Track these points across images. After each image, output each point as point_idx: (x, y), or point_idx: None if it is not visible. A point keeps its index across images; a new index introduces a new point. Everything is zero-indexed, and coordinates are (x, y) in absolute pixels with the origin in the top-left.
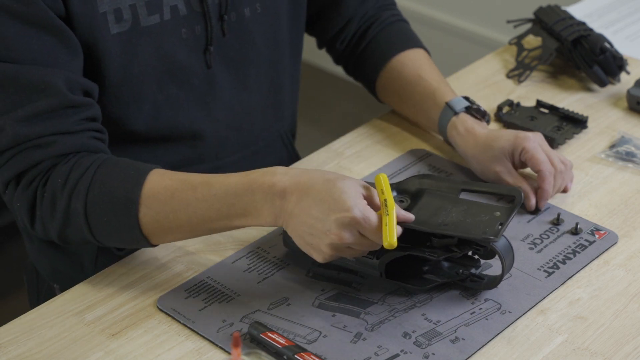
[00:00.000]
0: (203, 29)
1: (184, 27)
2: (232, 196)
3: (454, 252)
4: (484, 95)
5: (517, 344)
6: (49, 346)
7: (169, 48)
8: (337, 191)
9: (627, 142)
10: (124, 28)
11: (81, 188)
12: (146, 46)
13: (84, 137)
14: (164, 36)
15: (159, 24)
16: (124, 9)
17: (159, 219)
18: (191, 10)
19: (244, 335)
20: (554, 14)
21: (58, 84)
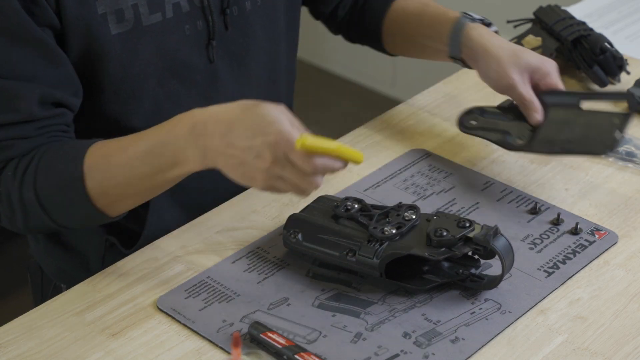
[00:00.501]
0: (205, 24)
1: (187, 24)
2: (159, 146)
3: (454, 252)
4: (484, 95)
5: (517, 344)
6: (49, 346)
7: (171, 46)
8: (258, 116)
9: (627, 142)
10: (125, 28)
11: (29, 177)
12: (147, 45)
13: (42, 139)
14: (166, 34)
15: (160, 22)
16: (125, 9)
17: (104, 188)
18: (193, 6)
19: (244, 335)
20: (554, 14)
21: (29, 101)
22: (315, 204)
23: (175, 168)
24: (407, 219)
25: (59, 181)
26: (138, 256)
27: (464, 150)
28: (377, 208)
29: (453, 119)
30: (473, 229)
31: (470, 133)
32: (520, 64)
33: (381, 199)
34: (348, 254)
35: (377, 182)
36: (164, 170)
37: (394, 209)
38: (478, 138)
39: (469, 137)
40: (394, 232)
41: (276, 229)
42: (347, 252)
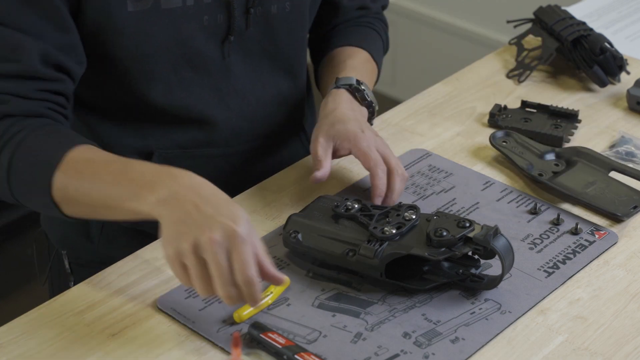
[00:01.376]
0: (226, 19)
1: (207, 15)
2: (138, 172)
3: (454, 252)
4: (484, 95)
5: (517, 344)
6: (49, 346)
7: (187, 33)
8: (230, 202)
9: (627, 142)
10: (143, 7)
11: (13, 143)
12: (163, 28)
13: (40, 105)
14: (184, 21)
15: (180, 7)
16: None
17: (67, 186)
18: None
19: (244, 335)
20: (554, 14)
21: (32, 54)
22: (315, 204)
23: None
24: (407, 219)
25: (35, 160)
26: (138, 256)
27: (464, 150)
28: (377, 208)
29: (453, 119)
30: (473, 229)
31: (498, 149)
32: (330, 130)
33: None
34: (348, 254)
35: None
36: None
37: (394, 209)
38: (478, 139)
39: (469, 137)
40: (394, 232)
41: (276, 229)
42: (347, 252)
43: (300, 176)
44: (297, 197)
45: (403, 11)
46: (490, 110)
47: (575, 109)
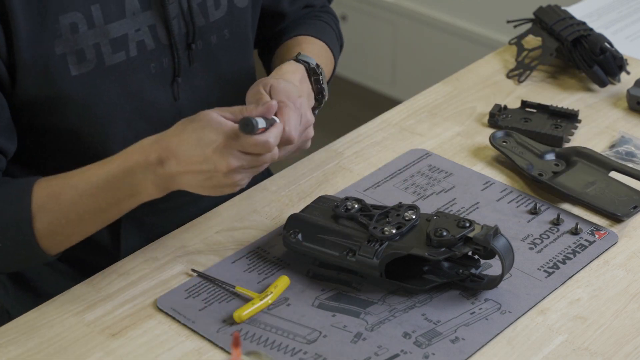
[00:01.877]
0: (170, 61)
1: (153, 62)
2: (114, 182)
3: (454, 252)
4: (484, 95)
5: (517, 344)
6: (49, 346)
7: (136, 85)
8: (198, 130)
9: (627, 142)
10: (87, 69)
11: None
12: (111, 85)
13: None
14: (131, 73)
15: (124, 61)
16: (86, 49)
17: (53, 227)
18: (159, 44)
19: (244, 335)
20: (554, 14)
21: None
22: (315, 204)
23: (132, 199)
24: (407, 219)
25: (2, 225)
26: (138, 256)
27: (464, 150)
28: (377, 208)
29: (453, 119)
30: (473, 229)
31: (498, 149)
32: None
33: (381, 199)
34: (348, 254)
35: (377, 182)
36: (119, 202)
37: (394, 209)
38: (478, 139)
39: (469, 137)
40: (394, 232)
41: (276, 229)
42: (347, 252)
43: (300, 176)
44: (297, 197)
45: (403, 11)
46: (490, 110)
47: (575, 109)
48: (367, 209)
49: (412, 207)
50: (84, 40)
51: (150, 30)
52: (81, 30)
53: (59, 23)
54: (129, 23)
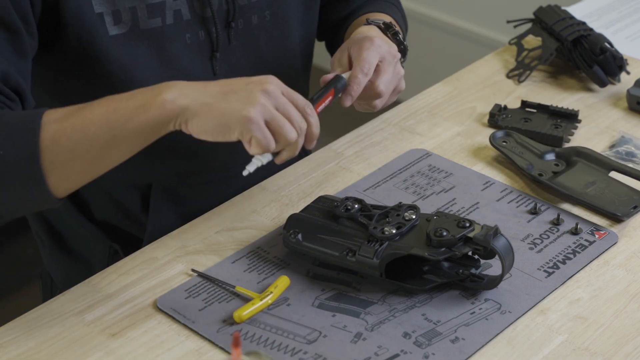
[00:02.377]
0: (206, 35)
1: (188, 32)
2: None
3: (454, 252)
4: (483, 95)
5: (517, 344)
6: (49, 346)
7: (172, 53)
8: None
9: (627, 142)
10: (122, 30)
11: None
12: (147, 49)
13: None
14: (167, 40)
15: (160, 27)
16: (123, 11)
17: (58, 139)
18: (195, 15)
19: (244, 335)
20: (554, 14)
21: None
22: (315, 204)
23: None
24: (407, 219)
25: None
26: (138, 256)
27: (464, 150)
28: (377, 208)
29: (453, 119)
30: (473, 229)
31: (498, 149)
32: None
33: (381, 199)
34: (348, 254)
35: (377, 182)
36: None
37: (394, 209)
38: (478, 139)
39: (469, 137)
40: (394, 232)
41: (276, 229)
42: (347, 252)
43: (300, 176)
44: (297, 197)
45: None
46: (490, 110)
47: (575, 109)
48: (367, 209)
49: (412, 207)
50: (121, 2)
51: (187, 1)
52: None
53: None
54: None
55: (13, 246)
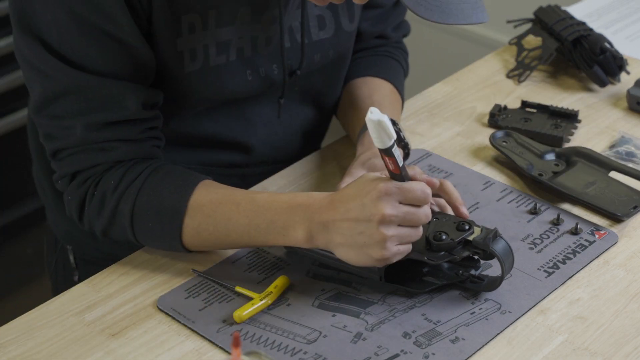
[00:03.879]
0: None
1: (248, 69)
2: (272, 212)
3: (454, 256)
4: (484, 95)
5: (517, 344)
6: (49, 346)
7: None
8: (358, 183)
9: (627, 142)
10: (195, 67)
11: (131, 192)
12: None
13: (145, 145)
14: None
15: (224, 64)
16: (198, 49)
17: (200, 231)
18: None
19: (244, 335)
20: (554, 14)
21: (133, 99)
22: None
23: (280, 236)
24: None
25: (159, 207)
26: (138, 256)
27: (464, 150)
28: None
29: (453, 119)
30: (472, 231)
31: (498, 149)
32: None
33: None
34: None
35: None
36: (268, 235)
37: None
38: (478, 139)
39: (469, 137)
40: None
41: None
42: None
43: (300, 176)
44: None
45: None
46: (490, 110)
47: (575, 109)
48: None
49: None
50: (198, 40)
51: (251, 40)
52: (197, 30)
53: (181, 22)
54: (235, 31)
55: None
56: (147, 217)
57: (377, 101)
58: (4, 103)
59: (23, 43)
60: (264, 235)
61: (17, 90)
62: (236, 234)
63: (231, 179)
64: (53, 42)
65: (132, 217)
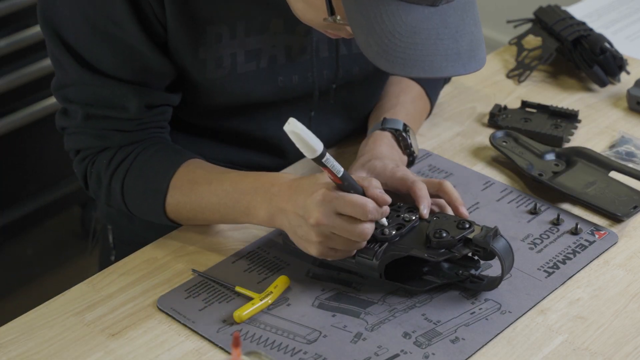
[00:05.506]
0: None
1: (281, 76)
2: (238, 193)
3: (454, 253)
4: (484, 95)
5: (517, 344)
6: (49, 346)
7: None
8: (312, 177)
9: (627, 142)
10: (221, 74)
11: (120, 172)
12: (240, 91)
13: (143, 133)
14: (258, 83)
15: (254, 71)
16: (224, 57)
17: (180, 209)
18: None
19: (244, 335)
20: (554, 14)
21: (135, 102)
22: None
23: (245, 217)
24: (406, 219)
25: (144, 188)
26: (138, 256)
27: (464, 150)
28: None
29: (453, 119)
30: (473, 230)
31: (498, 149)
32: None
33: None
34: None
35: None
36: (235, 214)
37: (393, 210)
38: (478, 139)
39: (469, 137)
40: (394, 233)
41: (276, 229)
42: None
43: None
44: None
45: None
46: (490, 110)
47: (575, 109)
48: None
49: (411, 208)
50: (224, 49)
51: (285, 49)
52: (224, 39)
53: (206, 32)
54: (267, 40)
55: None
56: (135, 195)
57: (401, 102)
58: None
59: (45, 34)
60: (231, 214)
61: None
62: (209, 212)
63: None
64: (69, 39)
65: (122, 195)
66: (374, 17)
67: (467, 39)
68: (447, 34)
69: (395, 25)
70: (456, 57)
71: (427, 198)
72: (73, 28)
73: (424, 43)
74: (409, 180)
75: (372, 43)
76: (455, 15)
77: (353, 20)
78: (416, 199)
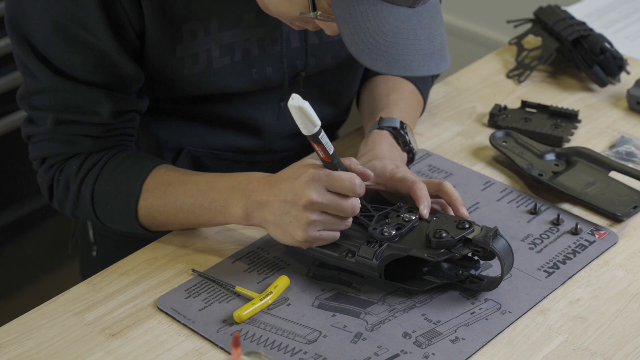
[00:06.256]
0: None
1: (255, 68)
2: (214, 192)
3: (453, 253)
4: (484, 95)
5: (517, 344)
6: (49, 346)
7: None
8: (294, 167)
9: (627, 142)
10: (198, 70)
11: (91, 177)
12: (214, 84)
13: (112, 141)
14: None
15: (229, 64)
16: (200, 53)
17: (152, 212)
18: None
19: (244, 335)
20: (554, 14)
21: (106, 108)
22: None
23: (220, 215)
24: (406, 220)
25: (115, 192)
26: (138, 256)
27: (464, 150)
28: (376, 209)
29: (453, 119)
30: (472, 230)
31: (498, 149)
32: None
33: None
34: (347, 255)
35: None
36: (210, 212)
37: (393, 210)
38: (478, 139)
39: (469, 137)
40: (394, 233)
41: None
42: (347, 253)
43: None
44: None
45: None
46: (490, 110)
47: (575, 109)
48: (367, 210)
49: (411, 208)
50: (200, 45)
51: (257, 41)
52: (199, 36)
53: (182, 31)
54: (240, 34)
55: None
56: (105, 201)
57: (394, 100)
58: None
59: (14, 41)
60: (206, 214)
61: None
62: (183, 213)
63: (239, 164)
64: (38, 46)
65: (92, 201)
66: (360, 16)
67: (439, 40)
68: (423, 34)
69: (380, 24)
70: (431, 57)
71: (427, 198)
72: (42, 35)
73: (404, 43)
74: (408, 181)
75: (358, 41)
76: (429, 16)
77: (340, 18)
78: (416, 199)
